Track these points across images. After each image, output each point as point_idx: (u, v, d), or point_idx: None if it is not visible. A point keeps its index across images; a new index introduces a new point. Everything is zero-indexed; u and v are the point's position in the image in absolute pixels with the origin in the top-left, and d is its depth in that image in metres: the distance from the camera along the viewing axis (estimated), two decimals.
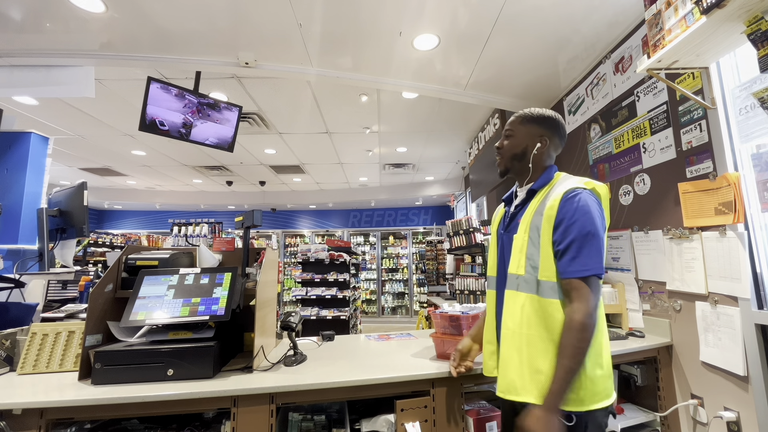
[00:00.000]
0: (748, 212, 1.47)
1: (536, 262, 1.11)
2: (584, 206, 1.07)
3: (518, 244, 1.17)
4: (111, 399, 1.25)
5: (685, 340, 1.75)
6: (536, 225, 1.13)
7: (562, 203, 1.10)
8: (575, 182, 1.14)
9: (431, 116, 4.21)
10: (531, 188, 1.22)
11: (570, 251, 1.05)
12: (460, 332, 1.61)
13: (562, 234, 1.07)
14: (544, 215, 1.11)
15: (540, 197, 1.18)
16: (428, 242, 7.58)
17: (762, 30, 1.15)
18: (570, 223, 1.07)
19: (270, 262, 1.83)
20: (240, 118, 2.92)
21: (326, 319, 4.73)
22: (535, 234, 1.13)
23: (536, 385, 1.05)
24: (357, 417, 1.56)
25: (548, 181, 1.21)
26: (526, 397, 1.06)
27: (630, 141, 2.10)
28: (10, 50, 2.39)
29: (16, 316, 1.72)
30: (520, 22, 2.15)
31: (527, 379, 1.06)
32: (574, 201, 1.08)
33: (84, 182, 2.15)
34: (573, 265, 1.05)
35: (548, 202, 1.13)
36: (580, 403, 1.02)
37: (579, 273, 1.04)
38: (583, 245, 1.04)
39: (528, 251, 1.13)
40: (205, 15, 2.13)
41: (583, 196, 1.09)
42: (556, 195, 1.12)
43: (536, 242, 1.12)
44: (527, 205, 1.21)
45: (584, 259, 1.04)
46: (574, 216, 1.07)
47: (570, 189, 1.11)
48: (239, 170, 6.52)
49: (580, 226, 1.05)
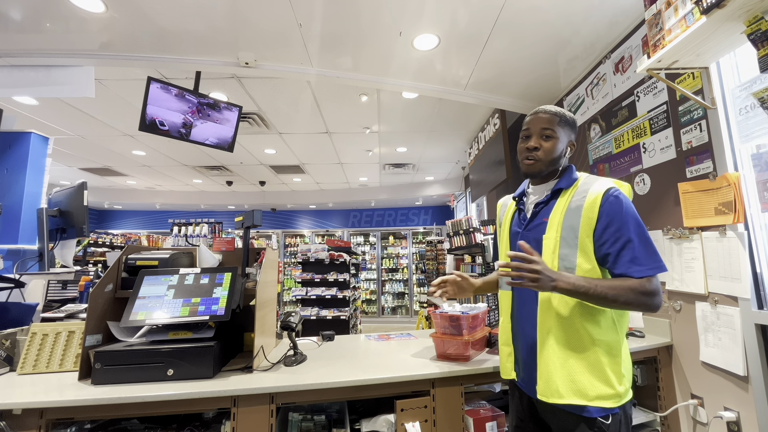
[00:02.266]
0: (748, 212, 1.47)
1: (572, 263, 1.10)
2: (629, 206, 1.08)
3: (549, 244, 1.14)
4: (111, 399, 1.25)
5: (685, 340, 1.75)
6: (571, 224, 1.11)
7: (606, 203, 1.08)
8: (609, 182, 1.13)
9: (431, 116, 4.21)
10: (558, 187, 1.20)
11: (627, 252, 1.05)
12: (460, 332, 1.61)
13: (614, 234, 1.06)
14: (583, 214, 1.10)
15: (567, 196, 1.16)
16: (428, 242, 7.58)
17: (762, 30, 1.15)
18: (622, 224, 1.06)
19: (270, 262, 1.83)
20: (240, 118, 2.92)
21: (326, 319, 4.73)
22: (569, 233, 1.11)
23: (578, 386, 1.06)
24: (357, 417, 1.56)
25: (574, 181, 1.19)
26: (569, 398, 1.06)
27: (630, 141, 2.10)
28: (10, 50, 2.39)
29: (16, 316, 1.72)
30: (520, 22, 2.15)
31: (569, 380, 1.07)
32: (620, 201, 1.08)
33: (84, 182, 2.15)
34: (634, 266, 1.04)
35: (585, 201, 1.11)
36: (619, 399, 1.07)
37: (647, 272, 1.03)
38: (640, 244, 1.05)
39: (561, 252, 1.12)
40: (205, 15, 2.13)
41: (625, 197, 1.10)
42: (593, 194, 1.10)
43: (571, 242, 1.11)
44: (552, 204, 1.19)
45: (644, 259, 1.04)
46: (624, 217, 1.06)
47: (609, 188, 1.10)
48: (239, 170, 6.52)
49: (635, 226, 1.06)
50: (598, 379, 1.06)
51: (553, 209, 1.17)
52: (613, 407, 1.06)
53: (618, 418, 1.06)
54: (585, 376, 1.07)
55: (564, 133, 1.21)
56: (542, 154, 1.19)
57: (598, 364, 1.07)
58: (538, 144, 1.20)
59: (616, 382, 1.07)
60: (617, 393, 1.06)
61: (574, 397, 1.06)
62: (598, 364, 1.07)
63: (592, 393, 1.06)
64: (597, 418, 1.05)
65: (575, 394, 1.06)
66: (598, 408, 1.05)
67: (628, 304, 1.03)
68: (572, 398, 1.06)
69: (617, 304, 1.03)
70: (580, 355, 1.08)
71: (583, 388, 1.06)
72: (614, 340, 1.10)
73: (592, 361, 1.07)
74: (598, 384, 1.06)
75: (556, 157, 1.20)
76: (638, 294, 1.02)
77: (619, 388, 1.07)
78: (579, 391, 1.06)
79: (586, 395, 1.06)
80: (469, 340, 1.57)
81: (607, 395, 1.06)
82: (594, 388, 1.06)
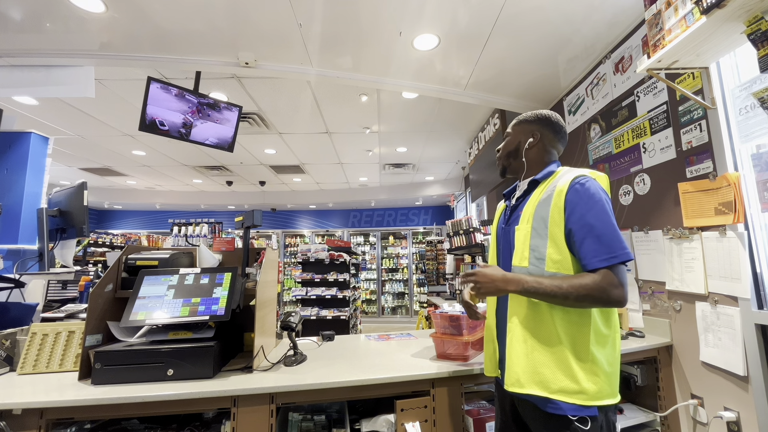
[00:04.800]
0: (748, 212, 1.47)
1: (542, 254, 1.10)
2: (596, 193, 1.06)
3: (521, 235, 1.15)
4: (111, 399, 1.25)
5: (685, 340, 1.75)
6: (541, 215, 1.11)
7: (571, 191, 1.08)
8: (580, 171, 1.14)
9: (431, 116, 4.21)
10: (533, 179, 1.22)
11: (591, 240, 1.03)
12: (460, 332, 1.61)
13: (578, 221, 1.05)
14: (552, 204, 1.10)
15: (542, 188, 1.17)
16: (428, 242, 7.58)
17: (762, 30, 1.15)
18: (585, 211, 1.05)
19: (270, 262, 1.83)
20: (240, 118, 2.92)
21: (326, 319, 4.73)
22: (540, 224, 1.11)
23: (540, 377, 1.05)
24: (357, 417, 1.56)
25: (551, 174, 1.21)
26: (530, 389, 1.06)
27: (630, 141, 2.10)
28: (10, 50, 2.39)
29: (16, 316, 1.72)
30: (520, 22, 2.15)
31: (531, 371, 1.07)
32: (585, 188, 1.07)
33: (84, 182, 2.15)
34: (599, 254, 1.02)
35: (554, 191, 1.11)
36: (587, 397, 1.02)
37: (607, 261, 1.01)
38: (604, 232, 1.03)
39: (532, 242, 1.12)
40: (205, 15, 2.13)
41: (593, 183, 1.09)
42: (562, 183, 1.11)
43: (542, 233, 1.10)
44: (528, 197, 1.21)
45: (609, 246, 1.02)
46: (588, 203, 1.05)
47: (577, 176, 1.10)
48: (239, 170, 6.52)
49: (596, 213, 1.04)
50: (563, 373, 1.04)
51: (527, 201, 1.20)
52: (584, 405, 1.01)
53: (598, 424, 1.02)
54: (548, 369, 1.05)
55: (518, 129, 1.32)
56: (500, 152, 1.37)
57: (564, 359, 1.04)
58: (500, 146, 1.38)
59: (584, 378, 1.02)
60: (582, 389, 1.02)
61: (536, 388, 1.05)
62: (564, 359, 1.04)
63: (554, 386, 1.03)
64: (573, 422, 1.01)
65: (537, 385, 1.05)
66: (570, 405, 1.01)
67: (580, 301, 1.00)
68: (533, 388, 1.05)
69: (569, 301, 1.01)
70: (545, 347, 1.07)
71: (545, 380, 1.04)
72: (586, 335, 1.05)
73: (558, 355, 1.05)
74: (561, 377, 1.03)
75: (511, 151, 1.32)
76: (591, 290, 0.99)
77: (586, 385, 1.02)
78: (541, 383, 1.05)
79: (548, 387, 1.04)
80: (469, 340, 1.57)
81: (571, 390, 1.02)
82: (557, 381, 1.03)
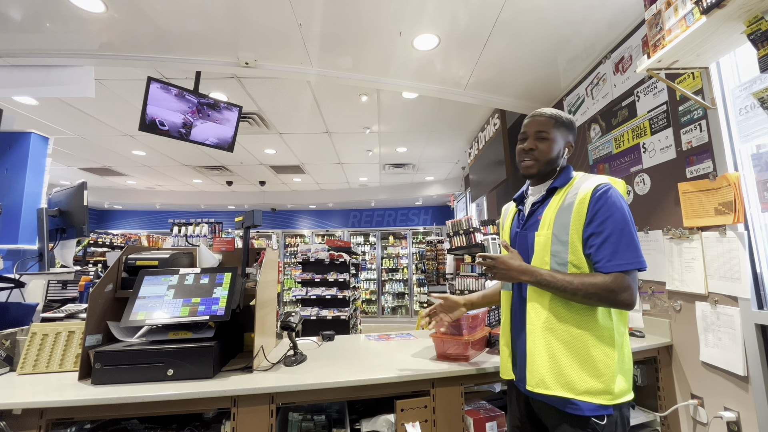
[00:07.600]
0: (748, 212, 1.47)
1: (563, 259, 1.12)
2: (617, 201, 1.09)
3: (541, 240, 1.16)
4: (111, 399, 1.25)
5: (685, 340, 1.75)
6: (562, 221, 1.13)
7: (594, 198, 1.10)
8: (601, 179, 1.15)
9: (431, 116, 4.21)
10: (552, 186, 1.22)
11: (608, 245, 1.06)
12: (460, 332, 1.61)
13: (598, 228, 1.08)
14: (574, 211, 1.11)
15: (561, 194, 1.18)
16: (428, 242, 7.59)
17: (762, 30, 1.15)
18: (605, 217, 1.08)
19: (270, 262, 1.83)
20: (240, 118, 2.92)
21: (326, 319, 4.73)
22: (561, 230, 1.13)
23: (567, 379, 1.06)
24: (357, 417, 1.56)
25: (569, 180, 1.22)
26: (556, 390, 1.07)
27: (630, 141, 2.10)
28: (10, 50, 2.39)
29: (16, 316, 1.72)
30: (520, 22, 2.15)
31: (558, 373, 1.08)
32: (607, 196, 1.09)
33: (84, 182, 2.15)
34: (614, 260, 1.05)
35: (576, 198, 1.12)
36: (614, 397, 1.05)
37: (621, 267, 1.05)
38: (622, 239, 1.06)
39: (553, 248, 1.14)
40: (205, 15, 2.13)
41: (614, 192, 1.11)
42: (584, 190, 1.12)
43: (563, 239, 1.12)
44: (547, 202, 1.21)
45: (624, 253, 1.05)
46: (609, 210, 1.08)
47: (600, 184, 1.12)
48: (239, 170, 6.52)
49: (616, 221, 1.07)
50: (589, 374, 1.06)
51: (546, 207, 1.20)
52: (605, 405, 1.04)
53: (614, 420, 1.05)
54: (574, 370, 1.06)
55: (560, 135, 1.24)
56: (538, 154, 1.23)
57: (590, 359, 1.06)
58: (534, 146, 1.24)
59: (609, 378, 1.05)
60: (608, 389, 1.05)
61: (562, 390, 1.06)
62: (590, 359, 1.06)
63: (580, 387, 1.05)
64: (590, 418, 1.04)
65: (563, 387, 1.06)
66: (590, 405, 1.04)
67: (588, 298, 1.05)
68: (559, 390, 1.06)
69: (577, 297, 1.06)
70: (570, 348, 1.08)
71: (572, 382, 1.06)
72: (608, 336, 1.09)
73: (583, 355, 1.07)
74: (587, 378, 1.05)
75: (553, 157, 1.23)
76: (600, 289, 1.04)
77: (613, 386, 1.05)
78: (567, 384, 1.06)
79: (574, 389, 1.05)
80: (469, 340, 1.57)
81: (597, 390, 1.05)
82: (583, 382, 1.05)
